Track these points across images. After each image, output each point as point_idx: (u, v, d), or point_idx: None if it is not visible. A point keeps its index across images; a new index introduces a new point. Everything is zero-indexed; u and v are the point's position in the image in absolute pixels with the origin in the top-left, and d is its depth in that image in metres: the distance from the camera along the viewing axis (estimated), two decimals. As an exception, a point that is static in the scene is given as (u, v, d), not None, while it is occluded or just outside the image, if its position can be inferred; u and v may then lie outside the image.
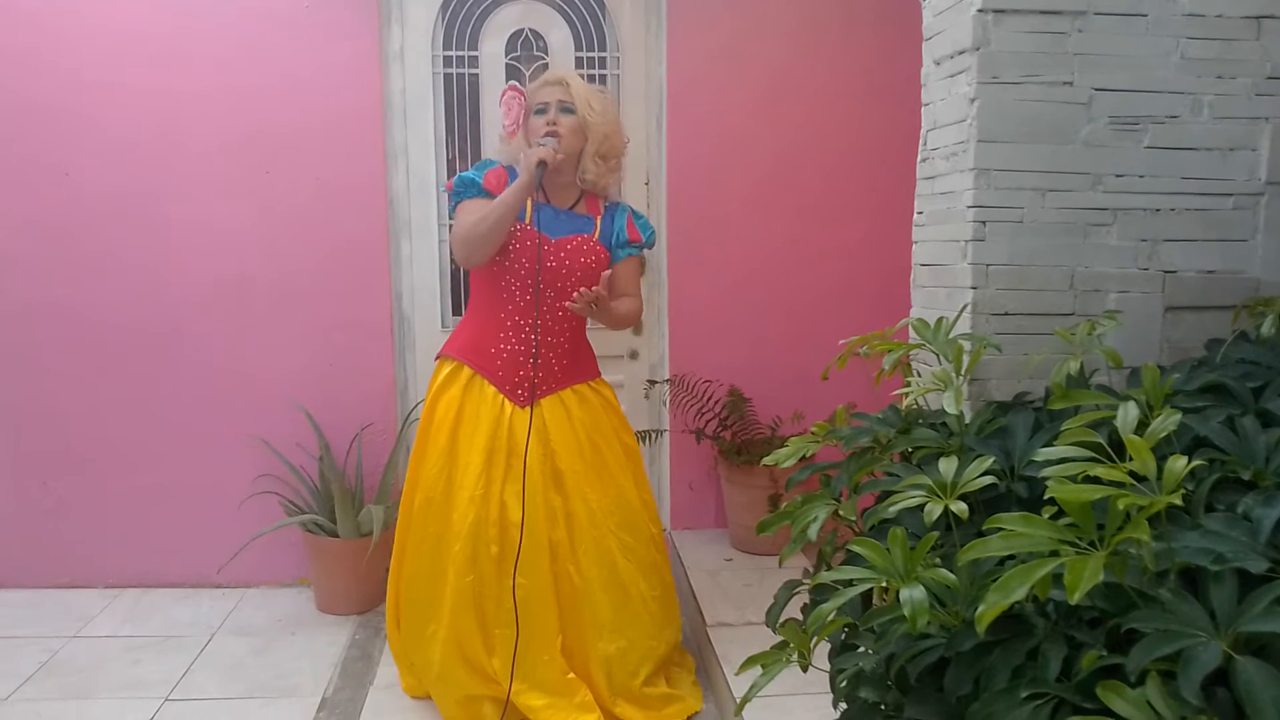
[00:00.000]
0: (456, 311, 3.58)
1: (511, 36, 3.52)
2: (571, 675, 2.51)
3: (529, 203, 2.49)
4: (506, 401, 2.53)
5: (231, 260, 3.39)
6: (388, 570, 3.43)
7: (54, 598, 3.36)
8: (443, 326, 3.55)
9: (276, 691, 2.74)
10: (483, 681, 2.50)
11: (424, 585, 2.54)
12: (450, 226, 3.51)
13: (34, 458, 3.41)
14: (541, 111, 2.53)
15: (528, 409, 2.51)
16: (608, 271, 2.50)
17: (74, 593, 3.41)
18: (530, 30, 3.53)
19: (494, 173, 2.53)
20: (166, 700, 2.68)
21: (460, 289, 3.58)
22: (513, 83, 2.68)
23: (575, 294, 2.41)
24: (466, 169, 3.51)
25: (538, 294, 2.49)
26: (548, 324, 2.54)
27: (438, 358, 2.66)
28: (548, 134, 2.47)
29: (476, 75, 3.51)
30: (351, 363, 3.47)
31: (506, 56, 3.52)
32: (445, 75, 3.50)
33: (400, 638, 2.68)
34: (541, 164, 2.38)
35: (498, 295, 2.53)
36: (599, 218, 2.62)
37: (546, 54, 3.53)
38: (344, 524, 3.22)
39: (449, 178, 3.51)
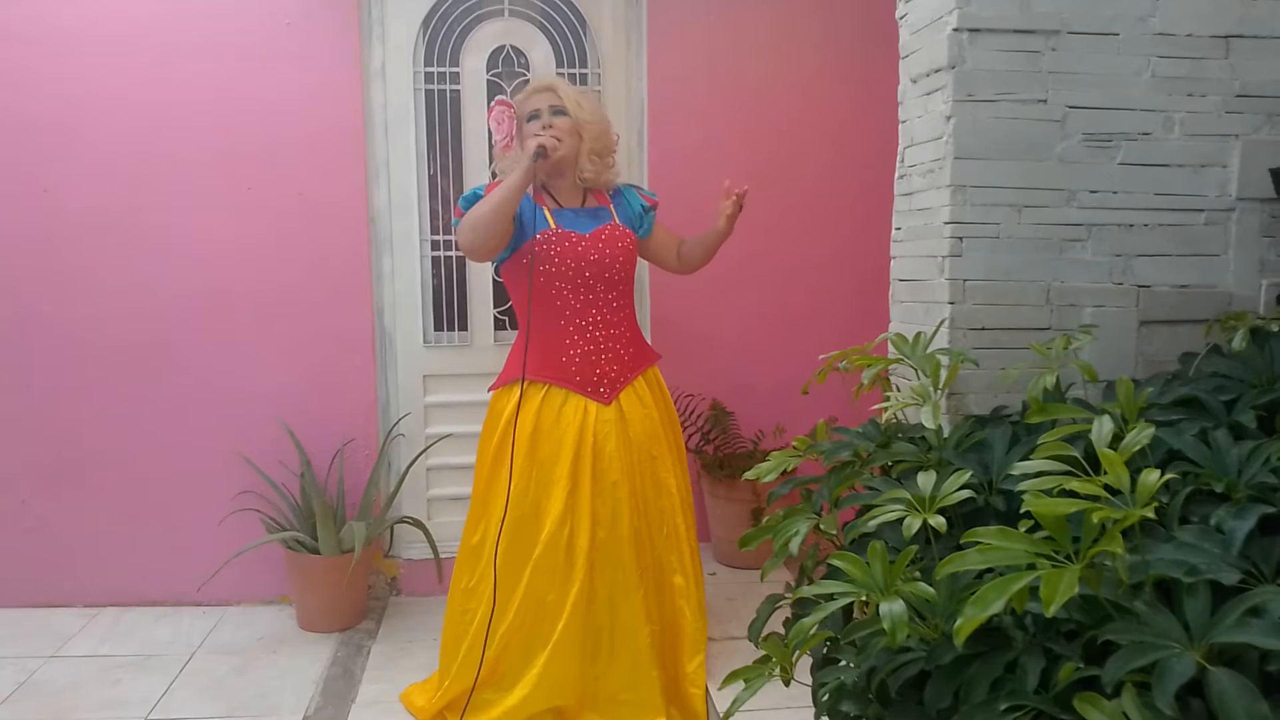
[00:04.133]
0: (439, 327, 3.58)
1: (493, 53, 3.53)
2: (656, 702, 2.52)
3: (547, 211, 2.57)
4: (590, 404, 2.55)
5: (212, 275, 3.37)
6: (369, 587, 3.45)
7: (32, 617, 3.32)
8: (424, 342, 3.55)
9: (258, 710, 2.71)
10: (566, 694, 2.51)
11: (518, 604, 2.53)
12: (432, 243, 3.54)
13: (13, 475, 3.37)
14: (534, 118, 2.58)
15: (611, 405, 2.56)
16: (742, 187, 2.63)
17: (52, 612, 3.37)
18: (511, 47, 3.54)
19: (492, 186, 2.58)
20: (146, 720, 2.66)
21: (443, 304, 3.58)
22: (500, 97, 2.71)
23: (725, 217, 2.62)
24: (448, 184, 3.56)
25: (530, 285, 2.52)
26: (608, 317, 2.60)
27: (497, 387, 2.65)
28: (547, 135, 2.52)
29: (458, 91, 3.52)
30: (333, 378, 3.46)
31: (488, 73, 3.53)
32: (427, 91, 3.51)
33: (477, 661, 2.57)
34: (540, 149, 2.43)
35: (552, 304, 2.56)
36: (610, 206, 2.70)
37: (528, 70, 3.54)
38: (325, 541, 3.20)
39: (430, 196, 3.53)
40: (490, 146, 3.38)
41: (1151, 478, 1.12)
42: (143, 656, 3.05)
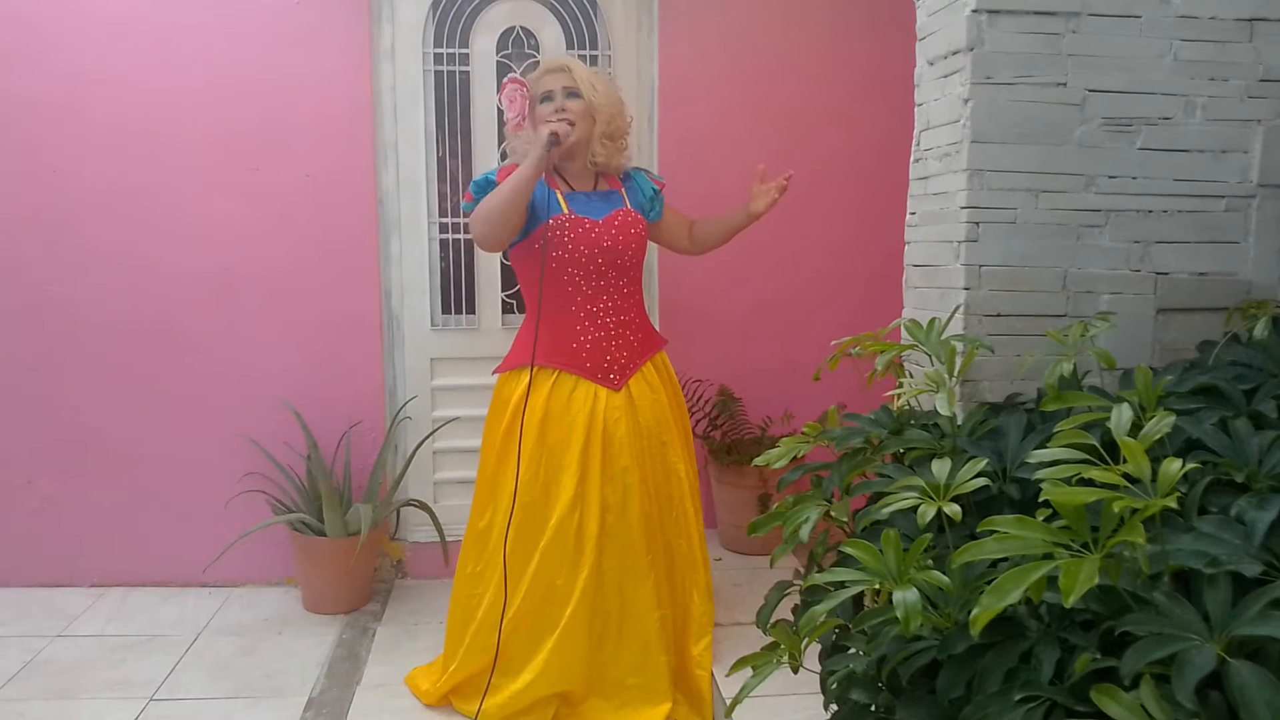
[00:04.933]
0: (446, 310, 3.56)
1: (503, 34, 3.50)
2: (663, 687, 2.52)
3: (560, 195, 2.54)
4: (600, 390, 2.54)
5: (219, 258, 3.36)
6: (375, 570, 3.45)
7: (38, 596, 3.33)
8: (432, 325, 3.53)
9: (263, 691, 2.71)
10: (572, 679, 2.51)
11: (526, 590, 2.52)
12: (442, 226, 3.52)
13: (19, 456, 3.37)
14: (548, 99, 2.56)
15: (620, 391, 2.55)
16: (786, 172, 2.64)
17: (58, 591, 3.37)
18: (521, 28, 3.51)
19: (504, 170, 2.55)
20: (151, 700, 2.65)
21: (451, 287, 3.56)
22: (512, 74, 2.68)
23: (766, 199, 2.63)
24: (456, 166, 3.53)
25: (543, 270, 2.50)
26: (618, 304, 2.59)
27: (503, 371, 2.63)
28: (559, 120, 2.50)
29: (467, 73, 3.50)
30: (340, 361, 3.45)
31: (498, 54, 3.50)
32: (436, 73, 3.48)
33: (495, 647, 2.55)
34: (553, 135, 2.40)
35: (563, 290, 2.54)
36: (622, 190, 2.68)
37: (538, 51, 3.51)
38: (331, 523, 3.20)
39: (438, 178, 3.51)
40: (501, 126, 3.37)
41: (1173, 467, 1.10)
42: (148, 636, 3.05)
